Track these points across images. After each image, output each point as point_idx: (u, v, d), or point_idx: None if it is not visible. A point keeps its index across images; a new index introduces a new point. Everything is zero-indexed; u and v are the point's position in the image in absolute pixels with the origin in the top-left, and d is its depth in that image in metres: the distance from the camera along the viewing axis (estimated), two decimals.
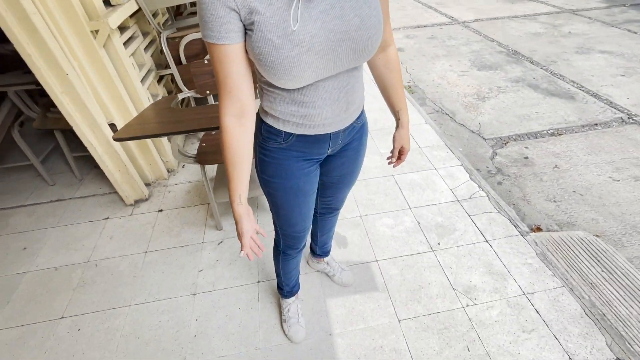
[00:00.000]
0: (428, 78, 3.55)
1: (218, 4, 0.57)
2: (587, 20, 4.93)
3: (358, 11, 0.62)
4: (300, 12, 0.59)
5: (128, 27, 1.91)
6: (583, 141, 2.53)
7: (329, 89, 0.71)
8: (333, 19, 0.61)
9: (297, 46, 0.60)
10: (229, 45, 0.61)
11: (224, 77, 0.65)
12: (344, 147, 0.90)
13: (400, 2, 6.30)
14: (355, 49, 0.65)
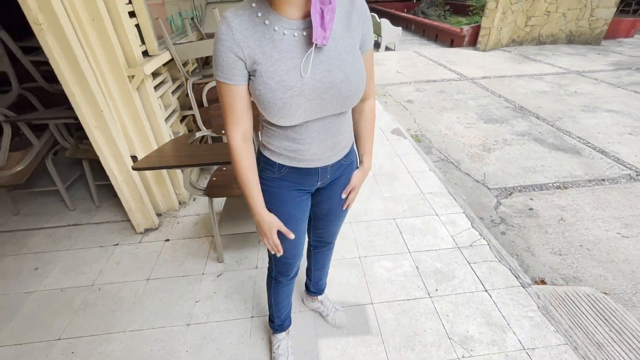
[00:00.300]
0: (435, 128, 3.70)
1: (229, 53, 0.72)
2: (593, 81, 5.11)
3: (343, 68, 0.75)
4: (295, 66, 0.73)
5: (160, 73, 2.16)
6: (590, 196, 2.52)
7: (317, 129, 0.83)
8: (321, 71, 0.74)
9: (290, 90, 0.73)
10: (235, 85, 0.75)
11: (231, 109, 0.79)
12: (333, 181, 0.99)
13: (412, 59, 6.76)
14: (339, 98, 0.77)
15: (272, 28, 0.71)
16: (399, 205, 2.27)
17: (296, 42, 0.72)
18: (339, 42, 0.75)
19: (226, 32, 0.71)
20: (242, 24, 0.71)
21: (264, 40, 0.72)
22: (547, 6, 7.29)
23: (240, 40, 0.71)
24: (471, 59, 6.61)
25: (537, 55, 6.77)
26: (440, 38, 8.74)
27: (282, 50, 0.72)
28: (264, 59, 0.72)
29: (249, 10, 0.72)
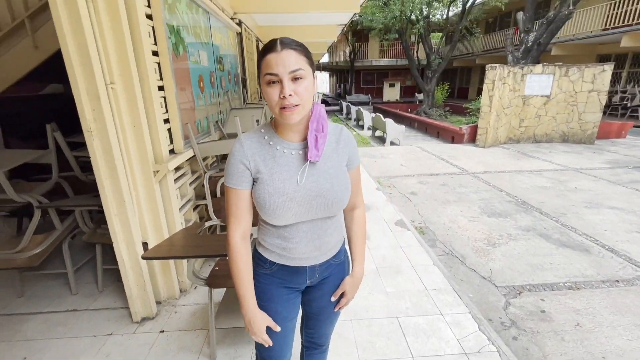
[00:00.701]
0: (439, 221, 3.77)
1: (239, 164, 0.89)
2: (593, 178, 5.29)
3: (330, 180, 0.92)
4: (291, 177, 0.90)
5: (182, 167, 2.43)
6: (605, 298, 2.40)
7: (306, 230, 0.95)
8: (311, 182, 0.91)
9: (283, 196, 0.89)
10: (241, 190, 0.91)
11: (235, 209, 0.92)
12: (322, 281, 1.05)
13: (416, 154, 7.25)
14: (326, 204, 0.92)
15: (275, 147, 0.91)
16: (402, 302, 2.20)
17: (293, 159, 0.91)
18: (328, 160, 0.94)
19: (239, 149, 0.90)
20: (252, 143, 0.91)
21: (267, 156, 0.90)
22: (536, 110, 8.05)
23: (249, 155, 0.90)
24: (471, 155, 7.05)
25: (534, 153, 7.18)
26: (441, 135, 9.49)
27: (281, 164, 0.90)
28: (265, 170, 0.90)
29: (258, 134, 0.93)
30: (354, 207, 1.07)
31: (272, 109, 0.85)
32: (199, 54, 2.80)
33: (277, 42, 0.80)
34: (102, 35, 1.66)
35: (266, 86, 0.82)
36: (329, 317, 1.13)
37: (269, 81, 0.81)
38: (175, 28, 2.28)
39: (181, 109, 2.36)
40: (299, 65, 0.80)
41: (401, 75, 25.46)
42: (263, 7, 4.22)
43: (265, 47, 0.82)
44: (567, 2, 8.45)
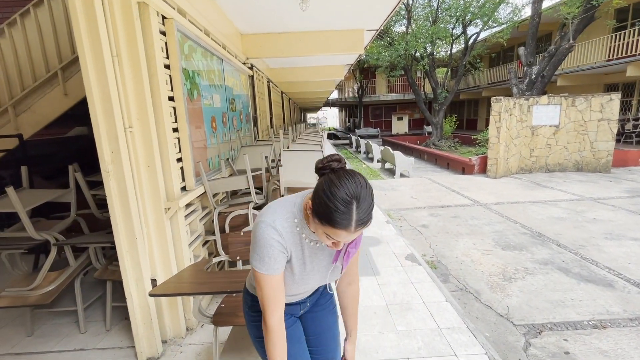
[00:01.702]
0: (451, 255, 3.67)
1: (279, 253, 0.91)
2: (611, 207, 5.12)
3: (335, 270, 1.05)
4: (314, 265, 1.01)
5: (193, 204, 2.50)
6: (635, 338, 2.24)
7: (306, 289, 1.09)
8: (324, 272, 1.04)
9: (305, 284, 1.03)
10: (280, 275, 0.93)
11: (274, 294, 0.92)
12: (313, 305, 1.19)
13: (426, 185, 7.22)
14: (324, 283, 1.09)
15: (305, 239, 0.97)
16: (414, 341, 2.10)
17: (317, 250, 1.00)
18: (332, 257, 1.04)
19: (278, 239, 0.90)
20: (288, 234, 0.93)
21: (296, 244, 0.96)
22: (546, 140, 8.02)
23: (286, 244, 0.92)
24: (483, 186, 6.97)
25: (548, 182, 7.05)
26: (451, 166, 9.48)
27: (304, 251, 0.97)
28: (295, 257, 0.96)
29: (291, 223, 0.94)
30: (351, 283, 1.18)
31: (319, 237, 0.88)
32: (212, 96, 2.99)
33: (353, 221, 0.77)
34: (124, 84, 1.81)
35: (323, 235, 0.85)
36: (327, 346, 1.21)
37: (327, 237, 0.85)
38: (190, 75, 2.47)
39: (194, 147, 2.48)
40: None
41: (409, 109, 26.04)
42: (273, 52, 4.53)
43: (337, 216, 0.77)
44: (567, 36, 8.72)
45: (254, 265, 0.91)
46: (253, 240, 0.91)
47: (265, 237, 0.88)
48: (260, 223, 0.90)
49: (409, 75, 14.92)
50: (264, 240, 0.88)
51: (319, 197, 0.80)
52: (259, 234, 0.89)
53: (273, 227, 0.89)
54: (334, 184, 0.78)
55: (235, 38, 4.08)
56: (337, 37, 4.45)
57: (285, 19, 3.92)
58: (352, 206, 0.76)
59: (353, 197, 0.76)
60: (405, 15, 13.84)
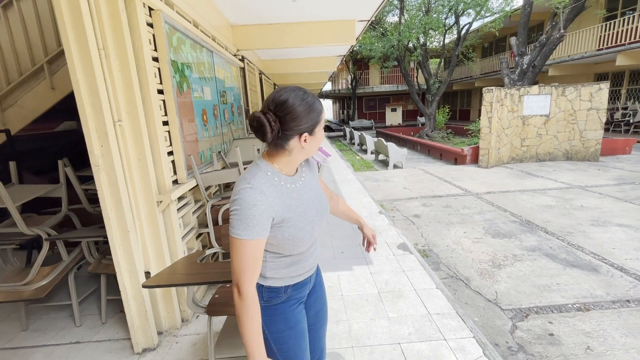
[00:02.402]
0: (442, 243, 3.74)
1: (264, 214, 0.89)
2: (599, 195, 5.24)
3: (321, 194, 1.11)
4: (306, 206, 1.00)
5: (185, 197, 2.51)
6: (616, 319, 2.33)
7: (314, 244, 1.11)
8: (317, 203, 1.06)
9: (310, 223, 1.01)
10: (263, 239, 0.91)
11: (252, 261, 0.90)
12: (314, 285, 1.19)
13: (419, 176, 7.29)
14: (325, 212, 1.10)
15: (286, 185, 0.98)
16: (405, 327, 2.17)
17: (299, 189, 1.01)
18: (312, 181, 1.08)
19: (262, 199, 0.89)
20: (270, 188, 0.92)
21: (285, 197, 0.96)
22: (537, 130, 8.12)
23: (272, 202, 0.91)
24: (474, 175, 7.06)
25: (538, 171, 7.17)
26: (444, 157, 9.56)
27: (295, 198, 0.99)
28: (288, 211, 0.95)
29: (267, 177, 0.94)
30: (336, 200, 1.35)
31: (317, 148, 1.01)
32: (202, 89, 2.97)
33: None
34: (112, 77, 1.80)
35: (321, 131, 0.99)
36: (322, 322, 1.25)
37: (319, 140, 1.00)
38: (179, 67, 2.45)
39: (185, 141, 2.48)
40: None
41: (402, 100, 26.04)
42: (264, 43, 4.49)
43: (317, 104, 0.95)
44: (558, 26, 8.75)
45: (235, 233, 0.88)
46: (235, 208, 0.88)
47: (248, 198, 0.87)
48: (240, 191, 0.89)
49: (402, 66, 14.89)
50: (247, 202, 0.87)
51: (301, 111, 0.90)
52: (241, 199, 0.88)
53: (253, 188, 0.89)
54: (289, 96, 0.90)
55: (226, 30, 4.03)
56: (329, 28, 4.43)
57: (276, 10, 3.88)
58: (304, 92, 0.94)
59: (300, 88, 0.94)
60: (397, 6, 13.73)
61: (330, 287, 2.70)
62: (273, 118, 0.89)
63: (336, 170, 8.00)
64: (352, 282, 2.77)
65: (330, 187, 6.35)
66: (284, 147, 0.95)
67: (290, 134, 0.92)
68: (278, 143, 0.94)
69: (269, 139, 0.91)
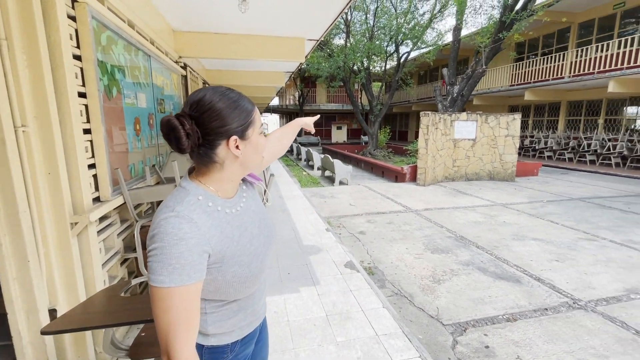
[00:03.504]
0: (387, 260, 3.82)
1: (195, 249, 0.68)
2: (516, 212, 5.91)
3: (266, 215, 0.95)
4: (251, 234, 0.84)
5: (109, 216, 2.18)
6: (539, 328, 2.55)
7: (262, 280, 0.91)
8: (261, 226, 0.88)
9: (259, 255, 0.84)
10: (198, 282, 0.69)
11: (188, 315, 0.67)
12: (259, 334, 1.00)
13: (363, 193, 7.51)
14: (273, 238, 0.92)
15: (224, 211, 0.79)
16: (353, 351, 2.10)
17: (240, 215, 0.83)
18: (253, 202, 0.92)
19: (191, 230, 0.68)
20: (203, 216, 0.73)
21: (222, 225, 0.76)
22: (465, 152, 9.00)
23: (206, 233, 0.71)
24: (413, 193, 7.50)
25: (467, 189, 7.89)
26: (385, 174, 10.05)
27: (236, 226, 0.80)
28: (229, 244, 0.76)
29: (199, 203, 0.74)
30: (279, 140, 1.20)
31: (258, 158, 0.84)
32: (136, 95, 2.67)
33: None
34: (16, 74, 1.49)
35: (260, 136, 0.84)
36: None
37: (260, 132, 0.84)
38: (108, 69, 2.17)
39: (112, 152, 2.18)
40: None
41: (347, 119, 27.12)
42: (209, 53, 4.28)
43: (243, 101, 0.80)
44: (481, 62, 9.97)
45: (157, 281, 0.65)
46: (154, 247, 0.67)
47: (172, 231, 0.67)
48: (160, 222, 0.68)
49: (348, 87, 15.55)
50: (171, 236, 0.66)
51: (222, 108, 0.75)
52: (162, 232, 0.67)
53: (179, 217, 0.68)
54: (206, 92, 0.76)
55: (167, 34, 3.75)
56: (278, 44, 4.40)
57: (224, 20, 3.73)
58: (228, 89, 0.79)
59: (222, 86, 0.80)
60: (344, 30, 14.44)
61: (275, 312, 2.54)
62: (189, 121, 0.72)
63: (283, 185, 7.87)
64: (298, 306, 2.64)
65: (276, 203, 6.19)
66: (212, 158, 0.76)
67: (214, 138, 0.74)
68: (203, 154, 0.76)
69: (186, 146, 0.72)
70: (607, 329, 2.54)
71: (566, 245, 4.25)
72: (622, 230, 4.83)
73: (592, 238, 4.53)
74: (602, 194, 7.34)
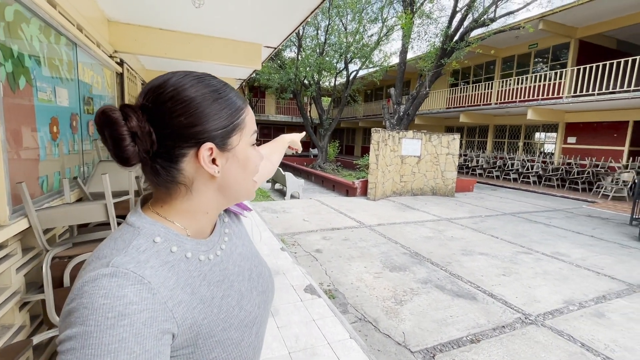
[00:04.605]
0: (347, 280, 3.64)
1: (152, 331, 0.41)
2: (461, 227, 6.23)
3: (260, 261, 0.68)
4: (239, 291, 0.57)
5: (5, 246, 1.63)
6: (500, 347, 2.56)
7: None
8: (257, 279, 0.62)
9: (254, 325, 0.56)
10: None
11: None
12: None
13: (316, 207, 7.34)
14: (271, 294, 0.67)
15: (196, 259, 0.51)
16: None
17: (222, 263, 0.56)
18: (240, 242, 0.66)
19: (140, 297, 0.41)
20: (156, 272, 0.45)
21: (194, 280, 0.49)
22: (412, 168, 9.42)
23: (168, 299, 0.44)
24: (365, 208, 7.55)
25: (414, 204, 8.20)
26: (336, 188, 10.05)
27: (216, 282, 0.53)
28: (206, 310, 0.49)
29: (154, 248, 0.47)
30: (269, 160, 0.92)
31: (247, 181, 0.56)
32: (54, 90, 2.15)
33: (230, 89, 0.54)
34: None
35: (251, 148, 0.56)
36: None
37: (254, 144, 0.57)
38: (14, 53, 1.67)
39: (15, 160, 1.66)
40: None
41: (296, 131, 27.03)
42: (152, 50, 3.78)
43: (239, 97, 0.54)
44: (424, 85, 10.67)
45: None
46: (74, 331, 0.38)
47: (109, 304, 0.39)
48: (87, 284, 0.40)
49: (299, 100, 15.52)
50: (107, 313, 0.39)
51: (195, 97, 0.48)
52: (89, 305, 0.39)
53: (122, 277, 0.41)
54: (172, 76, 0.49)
55: (99, 22, 3.20)
56: (234, 48, 4.07)
57: (173, 15, 3.31)
58: (207, 74, 0.52)
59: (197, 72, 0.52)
60: (295, 43, 14.46)
61: None
62: (138, 114, 0.46)
63: None
64: None
65: None
66: (174, 177, 0.49)
67: (175, 144, 0.47)
68: (160, 169, 0.49)
69: (130, 154, 0.46)
70: (559, 343, 2.64)
71: (509, 259, 4.53)
72: (550, 243, 5.35)
73: (528, 251, 4.91)
74: (527, 209, 8.19)
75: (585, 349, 2.58)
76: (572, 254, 4.85)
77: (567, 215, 7.66)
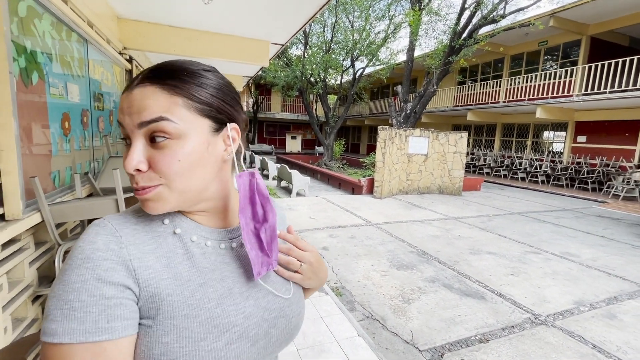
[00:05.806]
0: (354, 278, 3.63)
1: (107, 279, 0.41)
2: (468, 226, 6.18)
3: (286, 285, 0.59)
4: (229, 291, 0.51)
5: (18, 239, 1.65)
6: (510, 347, 2.53)
7: None
8: (266, 294, 0.54)
9: (227, 332, 0.47)
10: (112, 341, 0.40)
11: None
12: None
13: (322, 205, 7.33)
14: (288, 328, 0.56)
15: (189, 238, 0.50)
16: None
17: (225, 257, 0.53)
18: None
19: (106, 245, 0.43)
20: (136, 234, 0.47)
21: (174, 257, 0.48)
22: (418, 166, 9.36)
23: (133, 256, 0.44)
24: (371, 206, 7.52)
25: (421, 203, 8.15)
26: (342, 186, 10.03)
27: (206, 269, 0.50)
28: (175, 287, 0.46)
29: (150, 218, 0.50)
30: None
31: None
32: (66, 86, 2.16)
33: (140, 74, 0.48)
34: None
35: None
36: None
37: (123, 137, 0.49)
38: (28, 49, 1.69)
39: (28, 155, 1.68)
40: (159, 112, 0.45)
41: (302, 129, 27.09)
42: (161, 47, 3.79)
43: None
44: (432, 82, 10.57)
45: (47, 331, 0.38)
46: (66, 261, 0.43)
47: (82, 247, 0.43)
48: (87, 229, 0.46)
49: (305, 97, 15.49)
50: (78, 255, 0.42)
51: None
52: (74, 249, 0.43)
53: (102, 227, 0.45)
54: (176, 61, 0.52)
55: (109, 19, 3.22)
56: (242, 45, 4.07)
57: (182, 11, 3.32)
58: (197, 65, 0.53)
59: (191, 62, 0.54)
60: (302, 40, 14.43)
61: None
62: None
63: None
64: None
65: None
66: None
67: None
68: None
69: None
70: (569, 344, 2.60)
71: (517, 259, 4.47)
72: (559, 243, 5.27)
73: (537, 251, 4.85)
74: (536, 208, 8.09)
75: (596, 350, 2.54)
76: (582, 254, 4.78)
77: (576, 215, 7.55)
